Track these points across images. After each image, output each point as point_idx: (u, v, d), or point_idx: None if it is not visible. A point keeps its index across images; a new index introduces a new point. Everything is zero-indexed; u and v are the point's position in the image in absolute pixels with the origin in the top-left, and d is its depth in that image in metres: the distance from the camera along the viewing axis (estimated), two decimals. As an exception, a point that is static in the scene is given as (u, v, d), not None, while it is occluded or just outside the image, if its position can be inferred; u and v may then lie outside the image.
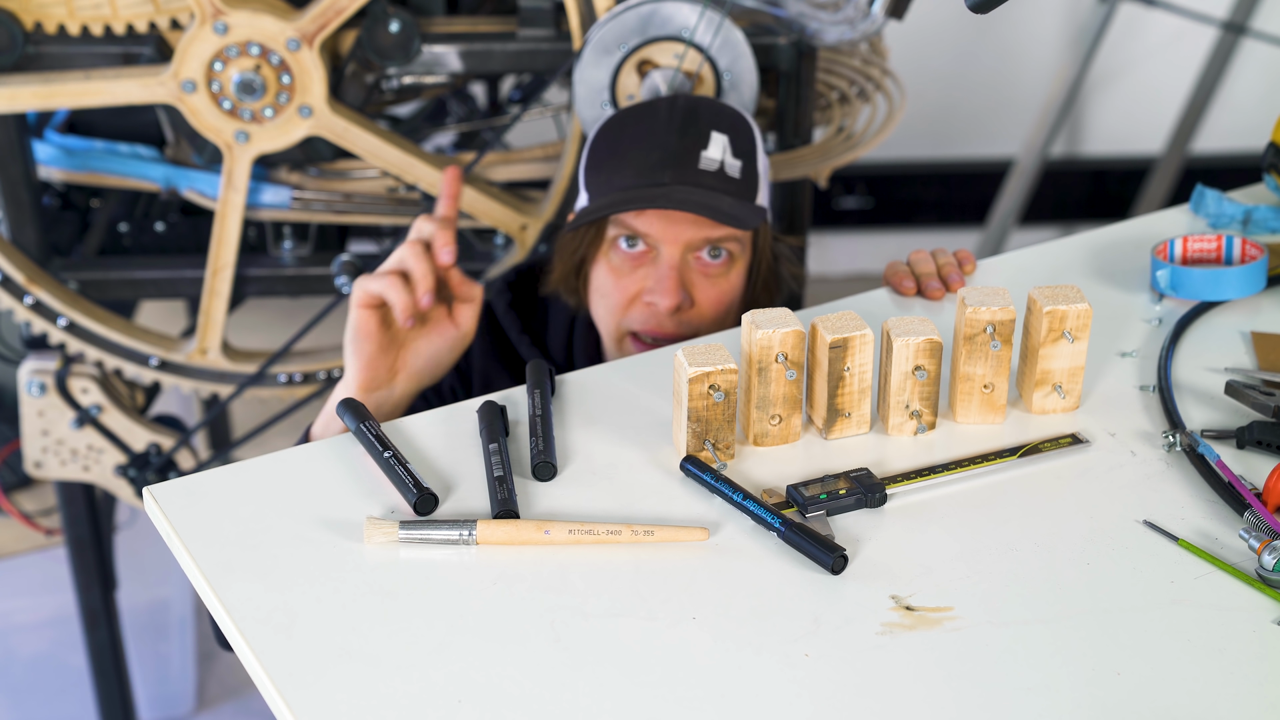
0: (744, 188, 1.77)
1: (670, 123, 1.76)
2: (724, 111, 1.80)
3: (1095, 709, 1.14)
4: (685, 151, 1.74)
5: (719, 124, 1.77)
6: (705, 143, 1.75)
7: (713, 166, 1.75)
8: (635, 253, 1.76)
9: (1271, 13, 3.56)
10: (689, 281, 1.76)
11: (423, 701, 1.15)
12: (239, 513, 1.35)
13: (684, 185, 1.73)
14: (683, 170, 1.74)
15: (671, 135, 1.75)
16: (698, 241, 1.75)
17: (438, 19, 2.09)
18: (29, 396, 2.20)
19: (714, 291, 1.77)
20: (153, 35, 2.03)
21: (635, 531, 1.30)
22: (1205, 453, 1.39)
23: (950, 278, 1.67)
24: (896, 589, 1.26)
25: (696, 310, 1.77)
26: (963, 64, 3.81)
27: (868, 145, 2.16)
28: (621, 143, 1.78)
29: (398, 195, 2.18)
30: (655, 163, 1.74)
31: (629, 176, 1.75)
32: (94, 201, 2.39)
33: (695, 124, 1.76)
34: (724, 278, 1.78)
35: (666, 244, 1.74)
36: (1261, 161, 1.82)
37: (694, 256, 1.76)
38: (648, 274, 1.77)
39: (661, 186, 1.73)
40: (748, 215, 1.73)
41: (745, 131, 1.79)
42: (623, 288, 1.77)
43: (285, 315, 3.20)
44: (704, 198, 1.72)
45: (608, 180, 1.77)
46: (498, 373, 1.88)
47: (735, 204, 1.74)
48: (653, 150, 1.75)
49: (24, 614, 2.88)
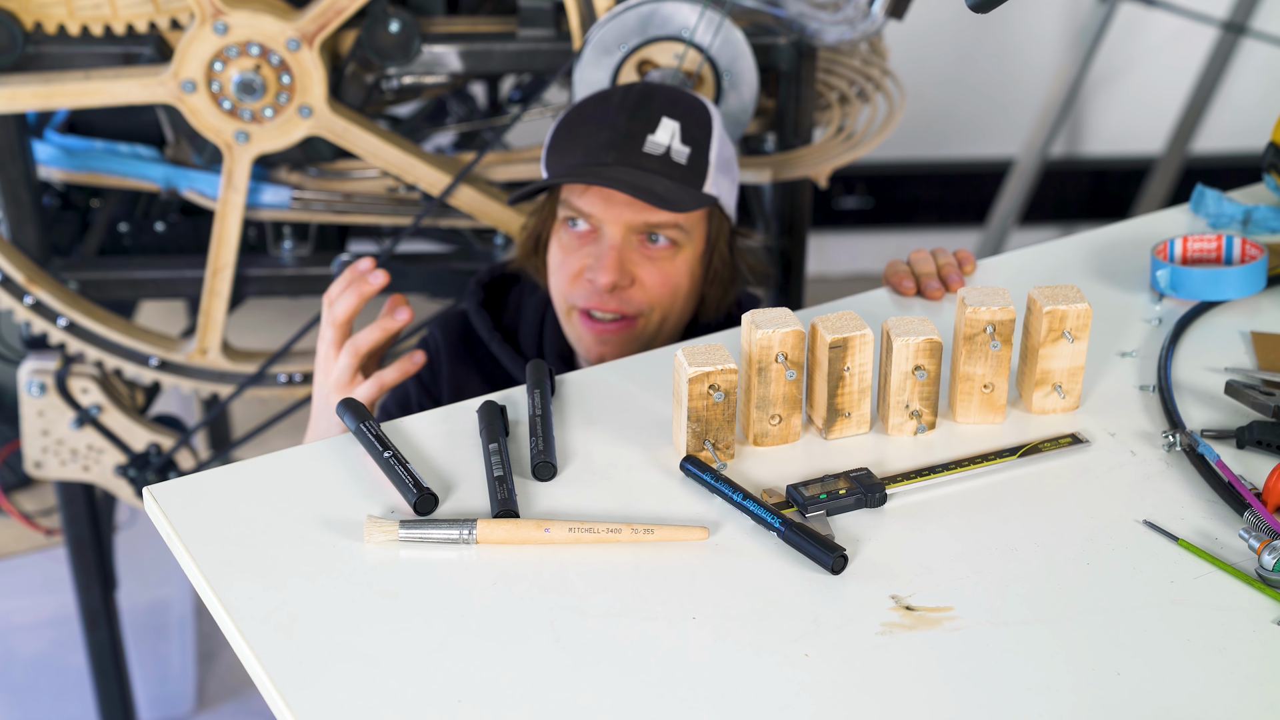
0: (688, 174, 1.79)
1: (623, 106, 1.80)
2: (681, 99, 1.82)
3: (1095, 709, 1.14)
4: (631, 134, 1.78)
5: (672, 110, 1.80)
6: (653, 127, 1.78)
7: (658, 150, 1.77)
8: (581, 232, 1.81)
9: (1271, 13, 3.56)
10: (631, 261, 1.80)
11: (423, 701, 1.15)
12: (239, 513, 1.35)
13: (625, 166, 1.77)
14: (626, 152, 1.77)
15: (622, 118, 1.79)
16: (637, 224, 1.78)
17: (438, 19, 2.09)
18: (29, 396, 2.20)
19: (657, 274, 1.81)
20: (153, 35, 2.03)
21: (635, 531, 1.30)
22: (1205, 453, 1.39)
23: (950, 278, 1.68)
24: (896, 589, 1.26)
25: (639, 289, 1.80)
26: (963, 64, 3.81)
27: (868, 145, 2.16)
28: (577, 124, 1.83)
29: (398, 195, 2.18)
30: (602, 143, 1.78)
31: (579, 155, 1.79)
32: (94, 201, 2.39)
33: (646, 108, 1.79)
34: (668, 261, 1.81)
35: (608, 224, 1.79)
36: (1261, 161, 1.82)
37: (637, 238, 1.80)
38: (590, 252, 1.80)
39: (603, 166, 1.77)
40: (681, 199, 1.75)
41: (700, 120, 1.81)
42: (568, 264, 1.82)
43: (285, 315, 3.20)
44: (639, 179, 1.75)
45: (559, 159, 1.82)
46: (467, 377, 1.91)
47: (672, 188, 1.76)
48: (601, 131, 1.79)
49: (24, 614, 2.88)
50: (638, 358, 1.59)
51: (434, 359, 1.94)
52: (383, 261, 2.14)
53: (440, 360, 1.93)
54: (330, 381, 1.74)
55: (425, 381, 1.93)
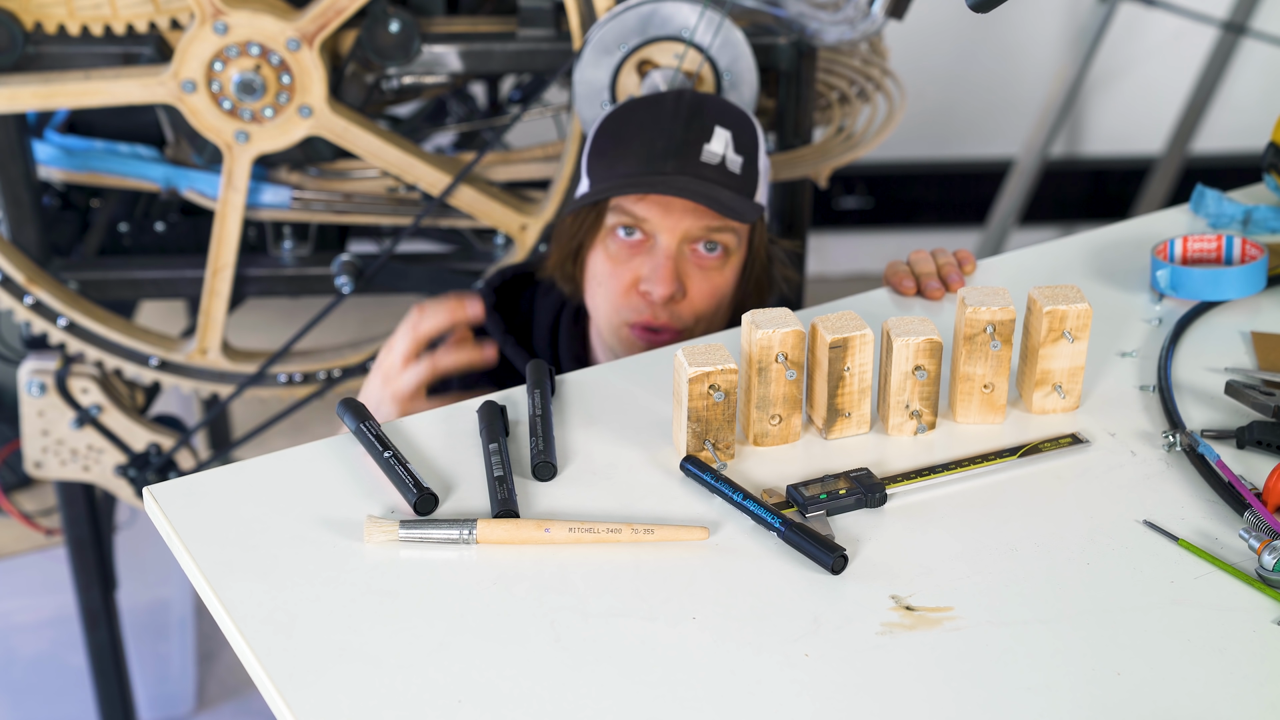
0: (744, 183, 1.79)
1: (676, 114, 1.79)
2: (729, 108, 1.82)
3: (1095, 709, 1.14)
4: (689, 143, 1.77)
5: (723, 119, 1.79)
6: (709, 136, 1.77)
7: (715, 160, 1.77)
8: (632, 241, 1.79)
9: (1271, 13, 3.56)
10: (683, 272, 1.78)
11: (423, 701, 1.15)
12: (239, 513, 1.35)
13: (686, 175, 1.76)
14: (685, 161, 1.76)
15: (677, 126, 1.78)
16: (696, 231, 1.77)
17: (438, 19, 2.09)
18: (29, 396, 2.20)
19: (707, 285, 1.79)
20: (153, 35, 2.03)
21: (635, 530, 1.30)
22: (1205, 453, 1.39)
23: (950, 278, 1.68)
24: (896, 589, 1.26)
25: (688, 302, 1.79)
26: (963, 64, 3.81)
27: (868, 145, 2.16)
28: (627, 131, 1.81)
29: (398, 195, 2.18)
30: (659, 151, 1.77)
31: (633, 164, 1.77)
32: (94, 201, 2.39)
33: (700, 117, 1.79)
34: (718, 272, 1.80)
35: (664, 232, 1.77)
36: (1261, 161, 1.82)
37: (690, 248, 1.78)
38: (643, 262, 1.78)
39: (664, 175, 1.76)
40: (746, 209, 1.75)
41: (748, 130, 1.81)
42: (619, 276, 1.79)
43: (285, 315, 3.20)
44: (705, 188, 1.74)
45: (611, 166, 1.79)
46: (479, 379, 1.90)
47: (734, 198, 1.76)
48: (657, 139, 1.77)
49: (24, 614, 2.88)
50: (638, 358, 1.59)
51: None
52: (383, 261, 2.14)
53: None
54: (391, 390, 1.75)
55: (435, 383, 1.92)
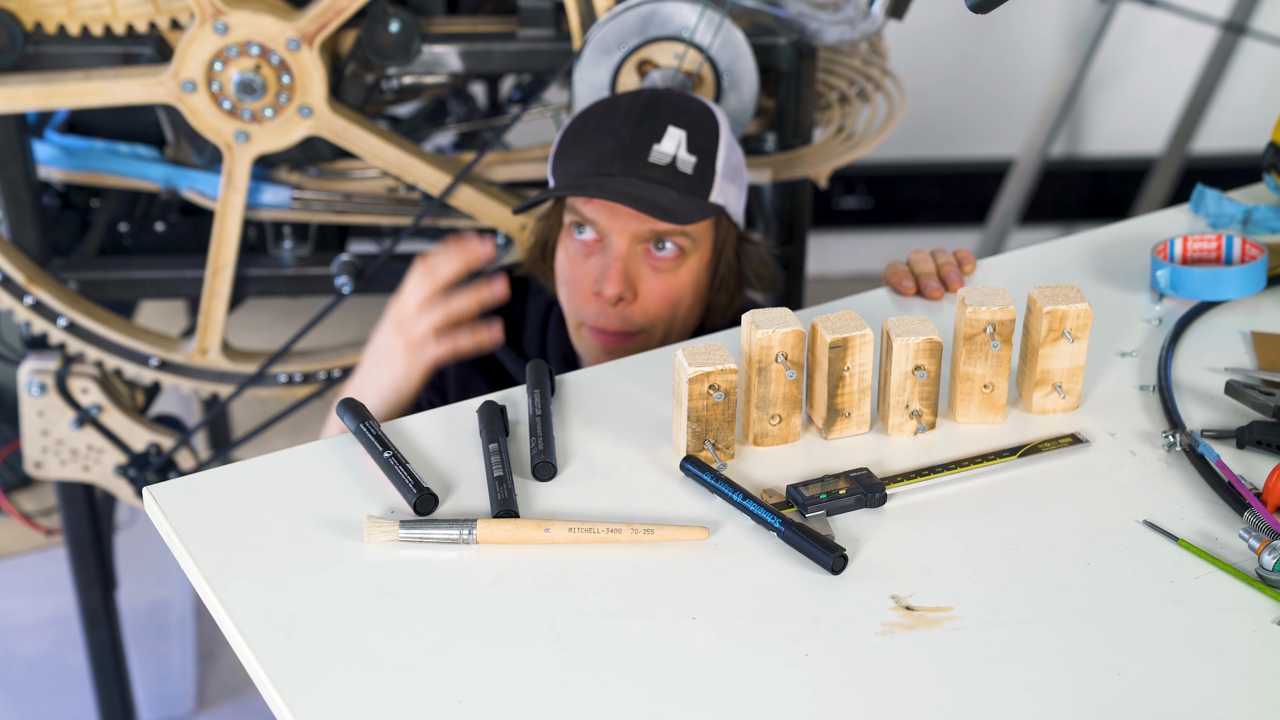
0: (694, 183, 1.78)
1: (629, 115, 1.79)
2: (688, 106, 1.81)
3: (1095, 709, 1.14)
4: (637, 144, 1.77)
5: (679, 119, 1.79)
6: (659, 136, 1.77)
7: (664, 160, 1.77)
8: (587, 240, 1.80)
9: (1271, 13, 3.56)
10: (635, 273, 1.78)
11: (423, 701, 1.15)
12: (239, 513, 1.35)
13: (630, 177, 1.76)
14: (631, 162, 1.76)
15: (627, 127, 1.78)
16: (644, 233, 1.77)
17: (438, 19, 2.09)
18: (29, 396, 2.20)
19: (659, 286, 1.79)
20: (153, 35, 2.03)
21: (635, 530, 1.30)
22: (1205, 453, 1.39)
23: (949, 277, 1.68)
24: (896, 589, 1.26)
25: (639, 304, 1.79)
26: (963, 64, 3.81)
27: (868, 145, 2.16)
28: (584, 132, 1.82)
29: (398, 195, 2.18)
30: (608, 153, 1.77)
31: (582, 165, 1.78)
32: (94, 201, 2.39)
33: (653, 117, 1.78)
34: (672, 273, 1.80)
35: (614, 234, 1.77)
36: (1261, 161, 1.82)
37: (643, 248, 1.79)
38: (598, 262, 1.79)
39: (608, 176, 1.76)
40: (687, 211, 1.74)
41: (707, 127, 1.80)
42: (578, 277, 1.81)
43: (285, 315, 3.20)
44: (643, 190, 1.74)
45: (565, 168, 1.81)
46: (472, 377, 1.91)
47: (678, 199, 1.75)
48: (607, 140, 1.78)
49: (24, 614, 2.88)
50: (638, 357, 1.59)
51: None
52: (383, 261, 2.14)
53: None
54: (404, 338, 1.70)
55: (433, 378, 1.92)
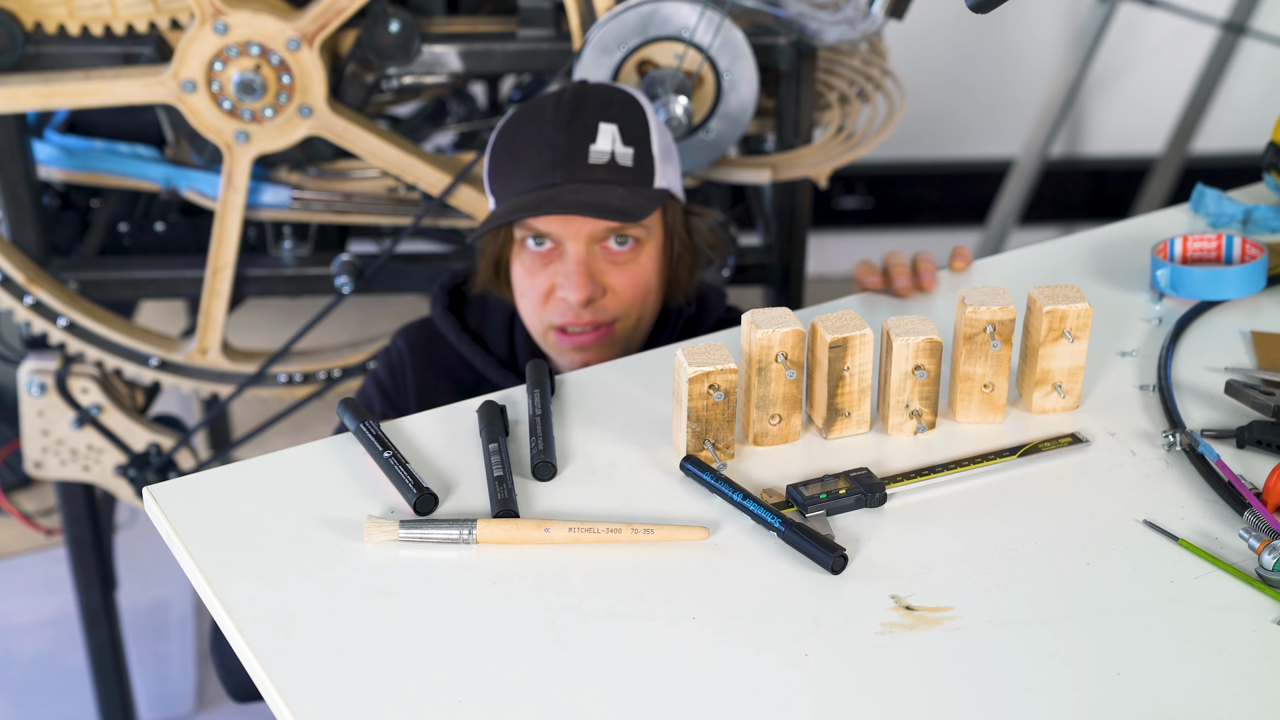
0: (637, 175, 1.78)
1: (558, 120, 1.78)
2: (611, 98, 1.81)
3: (1095, 709, 1.14)
4: (574, 148, 1.76)
5: (606, 114, 1.78)
6: (593, 136, 1.77)
7: (603, 159, 1.76)
8: (543, 251, 1.79)
9: (1271, 13, 3.56)
10: (598, 271, 1.79)
11: (423, 701, 1.15)
12: (239, 513, 1.35)
13: (575, 183, 1.75)
14: (572, 168, 1.76)
15: (560, 133, 1.77)
16: (600, 233, 1.77)
17: (438, 19, 2.09)
18: (29, 396, 2.20)
19: (626, 277, 1.80)
20: (153, 35, 2.03)
21: (635, 530, 1.30)
22: (1205, 452, 1.39)
23: (923, 274, 1.67)
24: (896, 589, 1.26)
25: (612, 296, 1.80)
26: (963, 64, 3.81)
27: (868, 145, 2.15)
28: (515, 145, 1.80)
29: (398, 195, 2.18)
30: (546, 163, 1.76)
31: (524, 180, 1.77)
32: (94, 201, 2.39)
33: (581, 117, 1.77)
34: (634, 262, 1.80)
35: (570, 240, 1.77)
36: (1261, 161, 1.82)
37: (600, 246, 1.79)
38: (556, 269, 1.79)
39: (553, 187, 1.75)
40: (639, 205, 1.74)
41: (635, 116, 1.80)
42: (536, 286, 1.80)
43: (285, 315, 3.20)
44: (594, 195, 1.73)
45: (506, 184, 1.80)
46: (435, 383, 1.90)
47: (627, 195, 1.75)
48: (543, 150, 1.77)
49: (24, 614, 2.88)
50: (638, 357, 1.59)
51: (398, 368, 1.94)
52: (383, 261, 2.14)
53: (405, 369, 1.93)
54: None
55: (389, 391, 1.93)
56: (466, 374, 1.91)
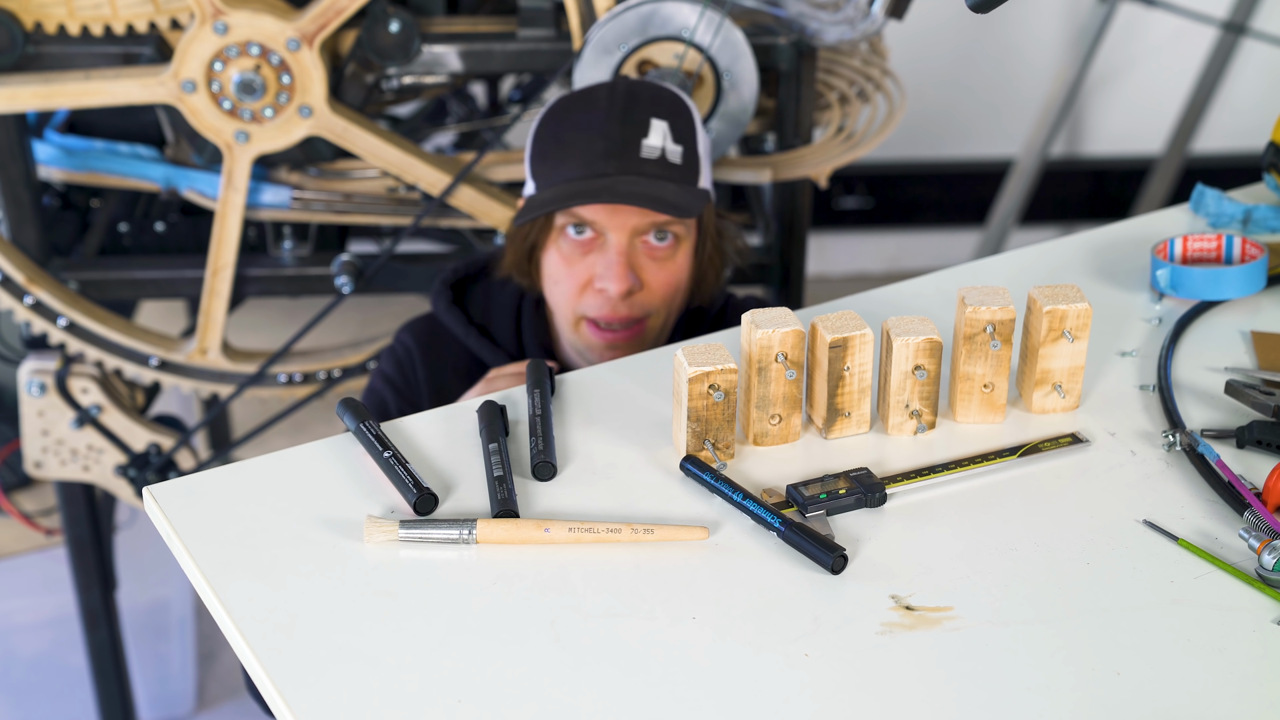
0: (686, 173, 1.79)
1: (611, 111, 1.79)
2: (663, 96, 1.82)
3: (1095, 709, 1.14)
4: (627, 140, 1.77)
5: (658, 110, 1.80)
6: (646, 130, 1.78)
7: (654, 154, 1.77)
8: (584, 239, 1.80)
9: (1271, 13, 3.56)
10: (637, 265, 1.79)
11: (423, 701, 1.15)
12: (239, 513, 1.35)
13: (627, 175, 1.76)
14: (625, 160, 1.76)
15: (613, 124, 1.78)
16: (644, 227, 1.78)
17: (438, 19, 2.09)
18: (29, 396, 2.20)
19: (663, 274, 1.81)
20: (153, 35, 2.03)
21: (635, 530, 1.30)
22: (1205, 452, 1.39)
23: None
24: (896, 589, 1.26)
25: (647, 292, 1.80)
26: (963, 64, 3.81)
27: (868, 145, 2.16)
28: (565, 131, 1.81)
29: (398, 195, 2.18)
30: (599, 153, 1.77)
31: (574, 167, 1.78)
32: (94, 201, 2.39)
33: (635, 111, 1.78)
34: (671, 260, 1.81)
35: (613, 231, 1.78)
36: (1261, 161, 1.82)
37: (641, 241, 1.79)
38: (597, 260, 1.80)
39: (605, 177, 1.76)
40: (690, 202, 1.76)
41: (685, 116, 1.81)
42: (574, 274, 1.81)
43: (285, 315, 3.20)
44: (647, 188, 1.74)
45: (553, 170, 1.80)
46: (445, 377, 1.91)
47: (678, 191, 1.76)
48: (595, 140, 1.78)
49: (24, 614, 2.88)
50: (638, 357, 1.59)
51: (407, 365, 1.94)
52: (383, 261, 2.14)
53: (415, 364, 1.93)
54: None
55: (401, 388, 1.93)
56: (474, 367, 1.91)
